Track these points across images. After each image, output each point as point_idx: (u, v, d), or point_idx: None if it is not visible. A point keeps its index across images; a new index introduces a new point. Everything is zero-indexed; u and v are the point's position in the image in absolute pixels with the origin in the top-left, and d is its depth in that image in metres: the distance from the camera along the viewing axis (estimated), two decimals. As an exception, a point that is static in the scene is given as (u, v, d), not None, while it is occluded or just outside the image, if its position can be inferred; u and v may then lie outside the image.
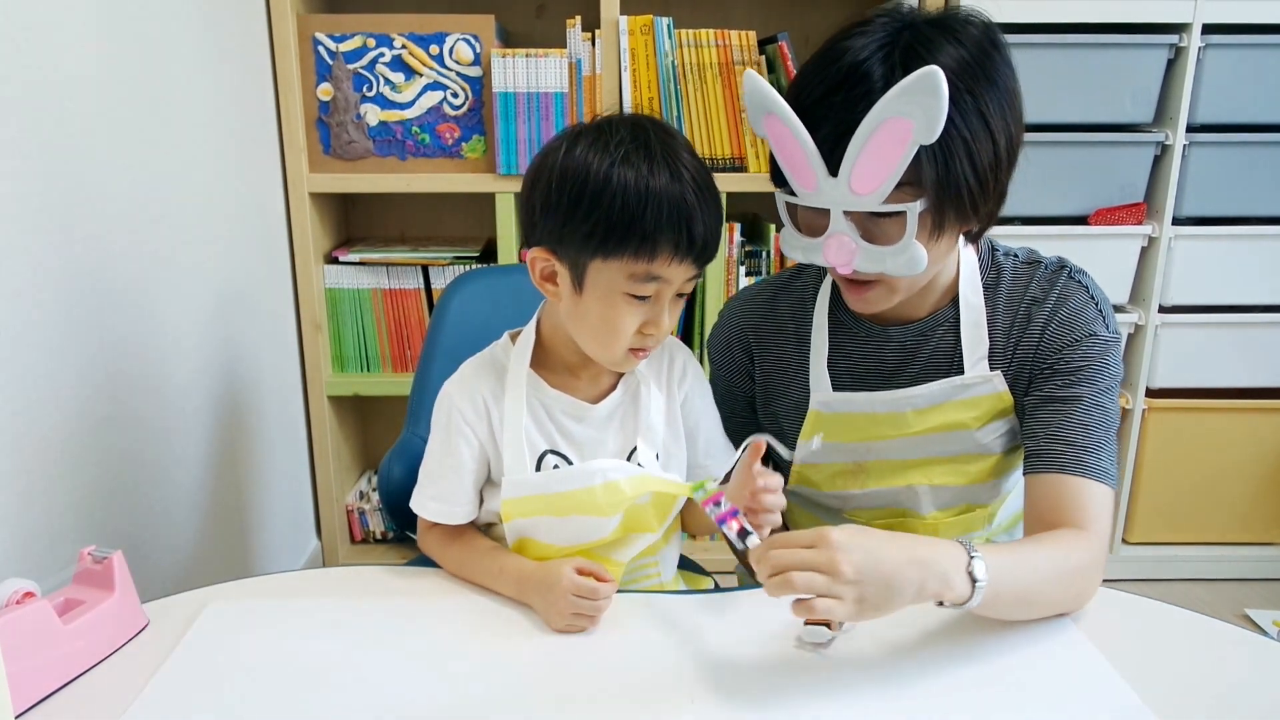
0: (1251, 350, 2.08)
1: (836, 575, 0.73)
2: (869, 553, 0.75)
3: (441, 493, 0.96)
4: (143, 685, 0.78)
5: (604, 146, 0.85)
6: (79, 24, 1.16)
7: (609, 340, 0.89)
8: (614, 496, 0.91)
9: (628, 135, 0.85)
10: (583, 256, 0.86)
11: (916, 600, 0.76)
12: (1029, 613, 0.85)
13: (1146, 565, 2.21)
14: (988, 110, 0.83)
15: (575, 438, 0.95)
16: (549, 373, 0.96)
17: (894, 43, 0.83)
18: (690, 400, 1.02)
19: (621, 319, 0.87)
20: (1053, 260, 1.00)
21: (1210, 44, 1.89)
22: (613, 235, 0.84)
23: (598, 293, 0.87)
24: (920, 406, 0.99)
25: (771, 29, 1.91)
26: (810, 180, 0.86)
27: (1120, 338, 0.97)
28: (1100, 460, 0.92)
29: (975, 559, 0.78)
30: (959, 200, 0.85)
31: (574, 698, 0.77)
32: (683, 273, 0.87)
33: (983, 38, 0.85)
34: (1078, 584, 0.87)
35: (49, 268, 1.09)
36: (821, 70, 0.86)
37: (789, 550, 0.75)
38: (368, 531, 2.14)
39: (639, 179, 0.83)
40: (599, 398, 0.96)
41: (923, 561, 0.76)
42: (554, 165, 0.87)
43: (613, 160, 0.84)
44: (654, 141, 0.85)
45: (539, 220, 0.88)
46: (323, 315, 1.97)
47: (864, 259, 0.86)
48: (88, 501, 1.17)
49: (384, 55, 1.85)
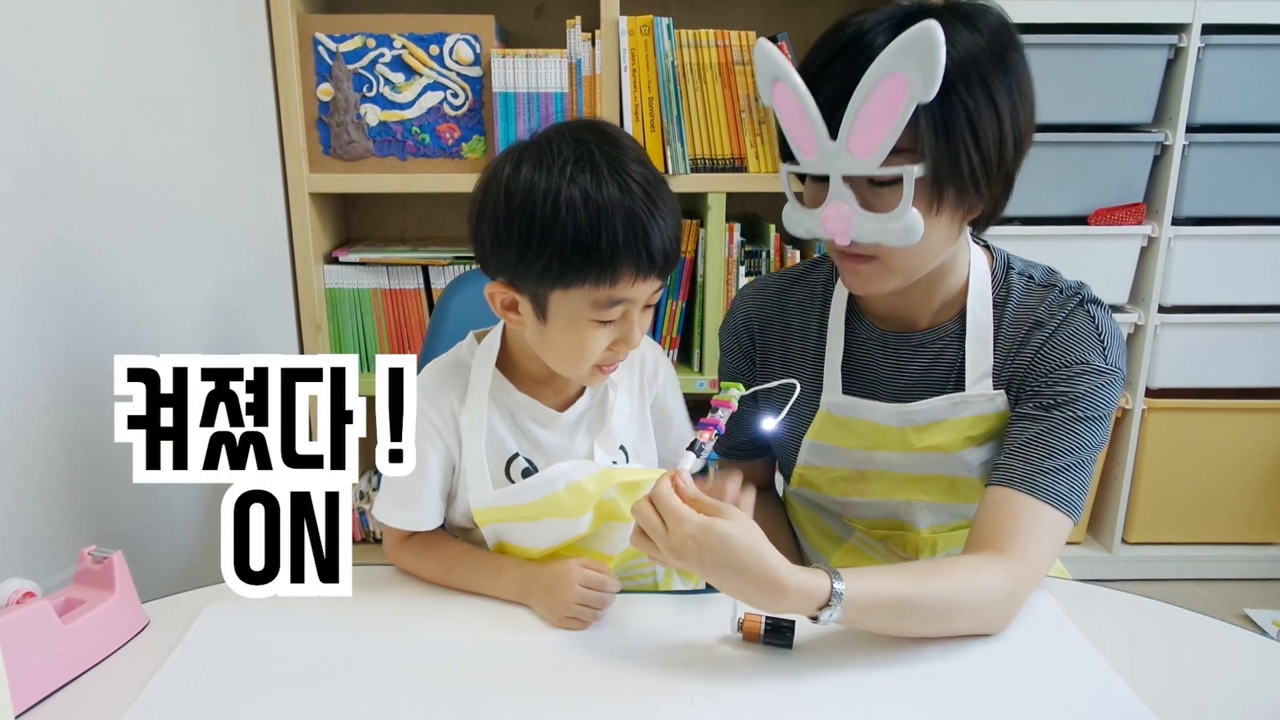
0: (1251, 350, 2.08)
1: (676, 555, 0.76)
2: (722, 565, 0.75)
3: (406, 499, 0.94)
4: (143, 685, 0.78)
5: (547, 169, 0.81)
6: (79, 24, 1.16)
7: (578, 362, 0.89)
8: (579, 497, 0.91)
9: (571, 155, 0.82)
10: (542, 288, 0.85)
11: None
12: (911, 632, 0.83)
13: (1146, 565, 2.21)
14: (995, 88, 0.82)
15: (542, 444, 0.95)
16: (515, 377, 0.95)
17: (905, 20, 0.82)
18: (661, 397, 1.03)
19: (589, 343, 0.87)
20: (1070, 285, 0.97)
21: (1210, 44, 1.89)
22: (570, 266, 0.82)
23: (562, 322, 0.86)
24: (920, 424, 0.98)
25: (771, 29, 1.91)
26: (811, 146, 0.85)
27: (1119, 373, 0.93)
28: (1057, 484, 0.88)
29: (830, 610, 0.77)
30: (958, 173, 0.83)
31: (574, 697, 0.77)
32: (646, 289, 0.86)
33: (999, 28, 0.85)
34: (973, 617, 0.82)
35: (48, 267, 1.09)
36: (827, 40, 0.87)
37: (655, 521, 0.77)
38: (368, 531, 2.14)
39: (589, 203, 0.80)
40: (566, 405, 0.96)
41: (769, 594, 0.76)
42: (498, 196, 0.84)
43: (559, 186, 0.80)
44: (599, 157, 0.82)
45: (490, 254, 0.87)
46: (323, 315, 1.97)
47: (861, 228, 0.86)
48: (88, 501, 1.17)
49: (384, 55, 1.85)
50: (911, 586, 0.80)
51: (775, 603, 0.76)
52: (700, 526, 0.74)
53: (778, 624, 0.82)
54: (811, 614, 0.78)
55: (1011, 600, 0.84)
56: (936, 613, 0.81)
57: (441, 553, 0.95)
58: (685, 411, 1.06)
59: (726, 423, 0.83)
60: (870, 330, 1.02)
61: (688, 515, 0.75)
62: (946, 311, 0.99)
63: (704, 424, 0.83)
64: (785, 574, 0.75)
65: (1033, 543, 0.86)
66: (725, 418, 0.83)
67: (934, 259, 0.92)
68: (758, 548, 0.75)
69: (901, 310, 0.99)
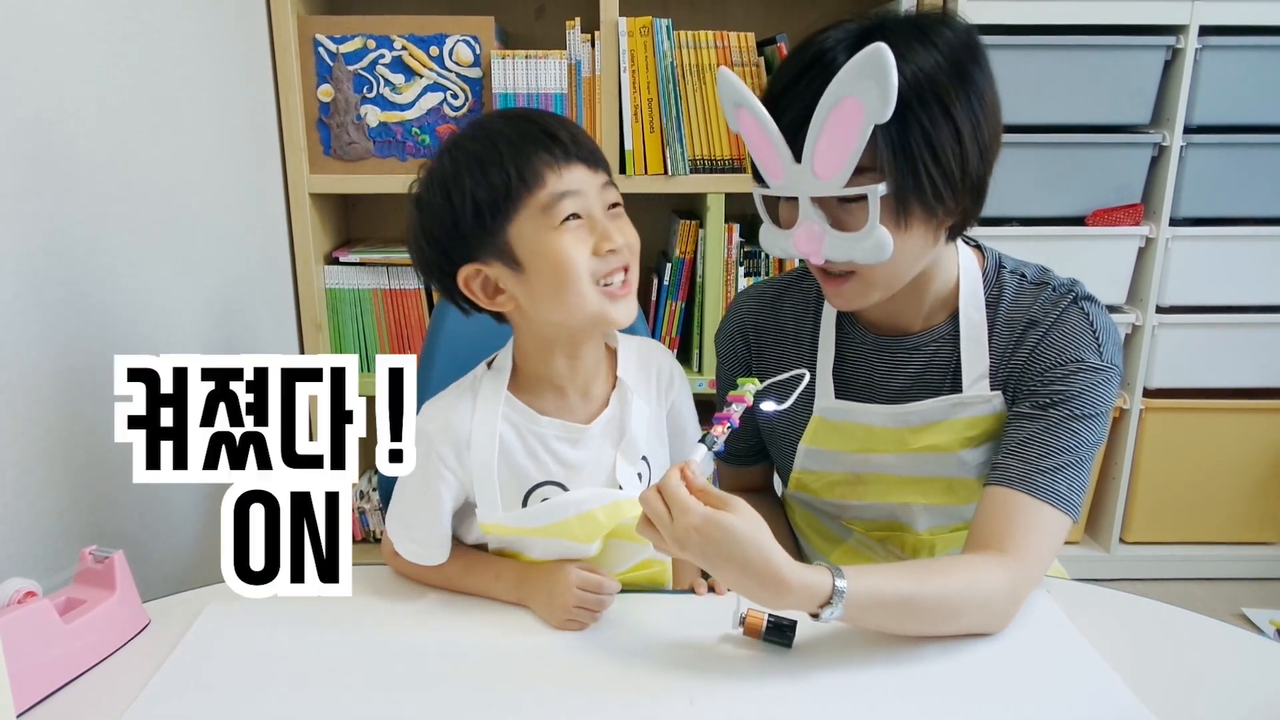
0: (1248, 350, 2.09)
1: (680, 545, 0.75)
2: (725, 558, 0.75)
3: (419, 536, 0.93)
4: (143, 685, 0.78)
5: (438, 158, 0.87)
6: (79, 25, 1.16)
7: (573, 284, 0.84)
8: (589, 526, 0.90)
9: (449, 142, 0.88)
10: (495, 238, 0.85)
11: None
12: (914, 631, 0.83)
13: (1143, 565, 2.21)
14: (953, 104, 0.82)
15: (570, 462, 0.93)
16: (536, 399, 0.93)
17: (863, 38, 0.83)
18: (677, 406, 1.02)
19: (566, 252, 0.84)
20: (1063, 283, 0.97)
21: (1207, 45, 1.89)
22: (496, 193, 0.83)
23: (532, 250, 0.85)
24: (915, 424, 0.98)
25: (770, 30, 1.91)
26: (777, 169, 0.86)
27: (1115, 370, 0.93)
28: (1055, 483, 0.88)
29: (832, 608, 0.76)
30: (921, 190, 0.84)
31: (574, 697, 0.77)
32: (583, 178, 0.85)
33: (958, 42, 0.84)
34: (973, 617, 0.83)
35: (47, 268, 1.09)
36: (789, 62, 0.88)
37: (661, 510, 0.76)
38: (368, 531, 2.14)
39: (482, 141, 0.85)
40: (592, 417, 0.94)
41: (772, 589, 0.76)
42: (415, 207, 0.89)
43: (448, 155, 0.86)
44: (479, 120, 0.88)
45: (437, 258, 0.89)
46: (323, 315, 1.97)
47: (832, 247, 0.86)
48: (88, 501, 1.17)
49: (384, 56, 1.86)
50: (913, 586, 0.80)
51: (777, 598, 0.76)
52: (705, 518, 0.74)
53: (779, 622, 0.82)
54: (813, 611, 0.78)
55: (1012, 600, 0.85)
56: (937, 612, 0.81)
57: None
58: (697, 424, 1.05)
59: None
60: (864, 335, 1.02)
61: (693, 506, 0.75)
62: (939, 314, 0.99)
63: (717, 418, 0.82)
64: (788, 570, 0.75)
65: (1033, 542, 0.86)
66: (739, 412, 0.82)
67: (913, 269, 0.92)
68: (761, 543, 0.75)
69: (892, 315, 0.99)
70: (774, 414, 0.87)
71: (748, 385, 0.84)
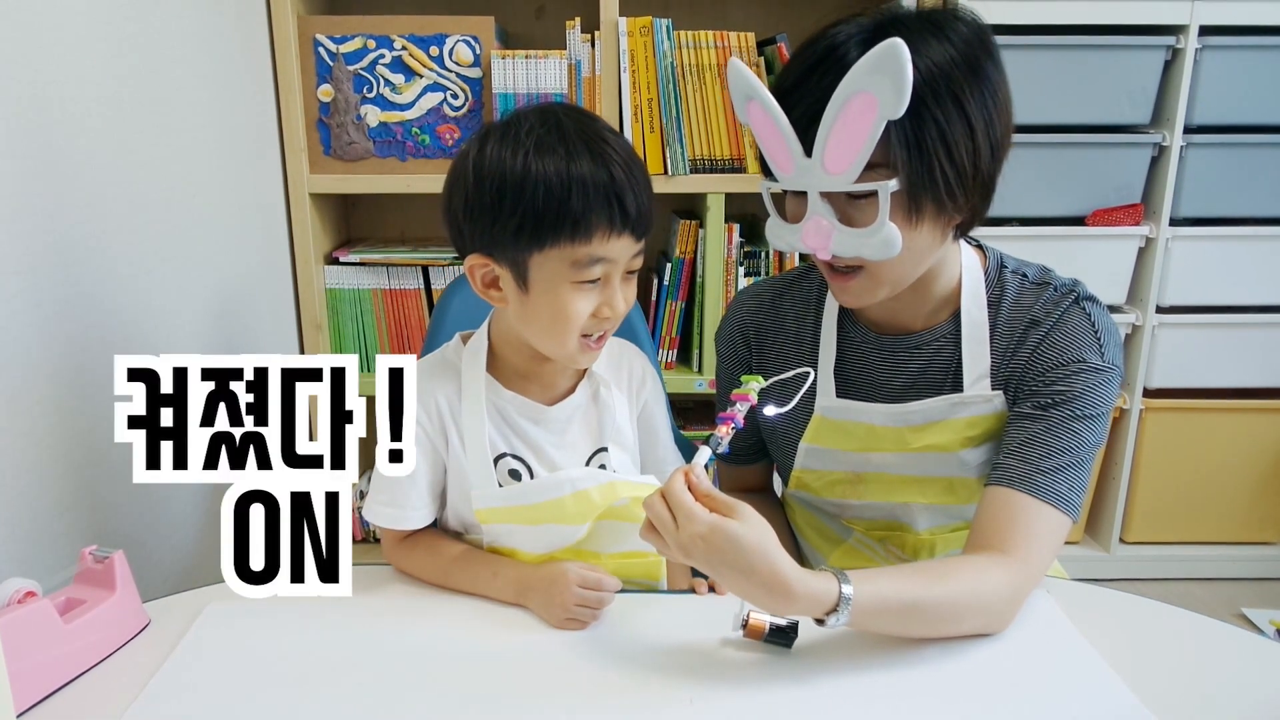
0: (1248, 350, 2.09)
1: (684, 552, 0.75)
2: (731, 566, 0.74)
3: (394, 498, 0.94)
4: (143, 685, 0.78)
5: (514, 138, 0.83)
6: (80, 25, 1.16)
7: (563, 333, 0.87)
8: (583, 505, 0.90)
9: (537, 122, 0.84)
10: (520, 254, 0.85)
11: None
12: (918, 633, 0.83)
13: (1143, 565, 2.21)
14: (967, 99, 0.82)
15: (533, 440, 0.94)
16: (502, 374, 0.95)
17: (876, 32, 0.83)
18: (648, 407, 1.03)
19: (572, 307, 0.86)
20: (1065, 283, 0.97)
21: (1207, 45, 1.90)
22: (544, 224, 0.82)
23: (544, 286, 0.86)
24: (916, 424, 0.98)
25: (770, 30, 1.91)
26: (787, 163, 0.86)
27: (1116, 371, 0.93)
28: (1056, 484, 0.88)
29: (838, 614, 0.76)
30: (934, 185, 0.83)
31: (574, 697, 0.77)
32: (624, 248, 0.86)
33: (971, 35, 0.84)
34: (976, 619, 0.83)
35: (47, 268, 1.09)
36: (800, 55, 0.87)
37: (666, 516, 0.76)
38: (368, 531, 2.14)
39: (557, 162, 0.81)
40: (555, 401, 0.96)
41: (778, 597, 0.75)
42: (467, 169, 0.85)
43: (526, 149, 0.82)
44: (566, 124, 0.84)
45: (464, 227, 0.87)
46: (323, 315, 1.97)
47: (840, 242, 0.86)
48: (88, 501, 1.17)
49: (384, 56, 1.86)
50: (917, 590, 0.80)
51: (783, 606, 0.76)
52: (710, 526, 0.74)
53: (781, 625, 0.82)
54: (818, 617, 0.78)
55: (1013, 601, 0.85)
56: (941, 616, 0.81)
57: (438, 554, 0.95)
58: (669, 428, 1.05)
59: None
60: (865, 334, 1.02)
61: (699, 514, 0.74)
62: (940, 313, 0.99)
63: (722, 418, 0.82)
64: (795, 578, 0.75)
65: (1034, 543, 0.86)
66: (744, 411, 0.82)
67: (921, 267, 0.92)
68: (767, 551, 0.75)
69: (894, 314, 0.99)
70: (777, 416, 0.87)
71: (752, 383, 0.83)
